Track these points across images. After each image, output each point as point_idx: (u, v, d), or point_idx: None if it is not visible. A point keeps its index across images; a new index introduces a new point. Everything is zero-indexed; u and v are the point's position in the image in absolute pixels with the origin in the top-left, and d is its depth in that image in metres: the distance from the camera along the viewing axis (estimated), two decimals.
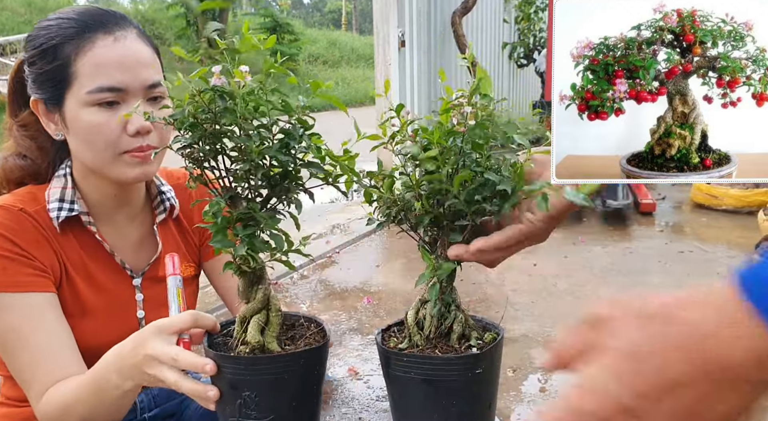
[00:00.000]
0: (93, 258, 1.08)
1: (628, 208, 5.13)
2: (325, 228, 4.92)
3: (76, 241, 1.07)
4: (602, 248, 4.30)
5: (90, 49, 0.97)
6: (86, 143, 1.00)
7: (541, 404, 2.31)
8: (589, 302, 3.29)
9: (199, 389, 0.81)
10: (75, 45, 0.98)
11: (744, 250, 4.08)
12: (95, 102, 0.97)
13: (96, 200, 1.09)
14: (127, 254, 1.13)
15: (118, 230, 1.12)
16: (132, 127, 0.99)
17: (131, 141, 1.00)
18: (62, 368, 0.98)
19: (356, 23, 34.67)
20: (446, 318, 0.85)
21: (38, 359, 0.97)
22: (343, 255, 4.32)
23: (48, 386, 0.97)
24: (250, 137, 0.77)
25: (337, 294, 3.59)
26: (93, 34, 0.98)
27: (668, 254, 4.11)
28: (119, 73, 0.98)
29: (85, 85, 0.97)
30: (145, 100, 1.01)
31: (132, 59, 0.99)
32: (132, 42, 1.01)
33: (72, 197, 1.05)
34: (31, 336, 0.97)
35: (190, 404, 1.27)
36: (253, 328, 0.84)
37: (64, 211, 1.03)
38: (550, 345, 0.51)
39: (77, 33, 0.98)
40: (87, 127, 0.98)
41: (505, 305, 3.29)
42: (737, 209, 5.14)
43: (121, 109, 0.99)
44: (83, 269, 1.07)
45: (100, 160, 1.01)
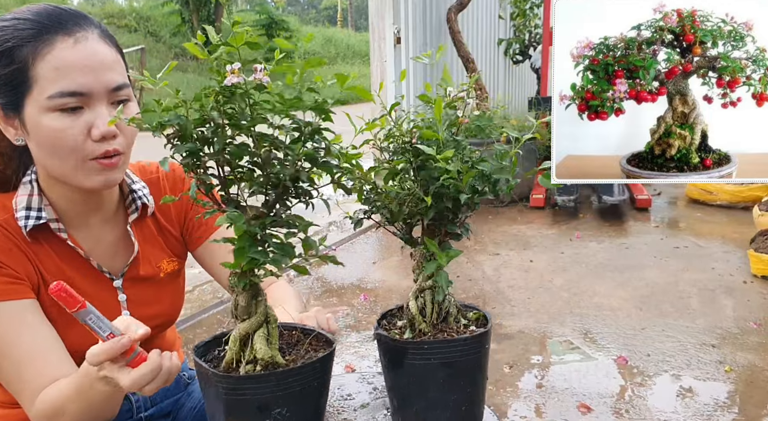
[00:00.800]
0: (69, 264, 1.06)
1: (623, 204, 5.15)
2: (321, 225, 4.92)
3: (49, 248, 1.04)
4: (598, 244, 4.31)
5: (49, 51, 0.92)
6: (49, 150, 0.96)
7: (537, 400, 2.32)
8: (586, 298, 3.30)
9: (113, 346, 0.81)
10: (32, 47, 0.92)
11: (739, 245, 4.10)
12: (57, 107, 0.93)
13: (65, 206, 1.06)
14: (103, 257, 1.10)
15: (92, 234, 1.10)
16: (97, 131, 0.94)
17: (96, 146, 0.96)
18: (50, 371, 0.96)
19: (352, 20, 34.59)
20: (445, 303, 0.90)
21: (24, 365, 0.96)
22: (339, 252, 4.32)
23: (38, 391, 0.95)
24: (272, 141, 0.74)
25: (334, 291, 3.59)
26: (52, 35, 0.93)
27: (664, 249, 4.12)
28: (82, 77, 0.93)
29: (45, 89, 0.92)
30: (109, 103, 0.97)
31: (95, 61, 0.94)
32: (94, 43, 0.95)
33: (39, 205, 1.02)
34: (14, 344, 0.95)
35: (185, 404, 1.27)
36: (261, 343, 0.81)
37: (32, 219, 1.01)
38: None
39: (34, 35, 0.92)
40: (49, 134, 0.94)
41: (501, 301, 3.30)
42: (732, 204, 5.16)
43: (85, 114, 0.95)
44: (60, 275, 1.04)
45: (64, 168, 0.97)
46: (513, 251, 4.22)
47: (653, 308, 3.17)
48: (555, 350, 2.74)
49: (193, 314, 3.24)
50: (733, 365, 2.55)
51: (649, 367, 2.55)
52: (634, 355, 2.65)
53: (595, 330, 2.93)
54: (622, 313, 3.12)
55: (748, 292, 3.35)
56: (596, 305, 3.24)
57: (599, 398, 2.31)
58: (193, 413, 1.25)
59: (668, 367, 2.54)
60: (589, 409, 2.23)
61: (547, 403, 2.29)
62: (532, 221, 5.01)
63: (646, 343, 2.77)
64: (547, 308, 3.22)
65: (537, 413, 2.24)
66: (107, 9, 18.99)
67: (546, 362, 2.63)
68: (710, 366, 2.54)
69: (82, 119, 0.94)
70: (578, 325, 2.99)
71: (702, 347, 2.72)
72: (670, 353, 2.66)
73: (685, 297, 3.31)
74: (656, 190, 5.94)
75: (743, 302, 3.22)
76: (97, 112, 0.95)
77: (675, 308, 3.16)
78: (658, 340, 2.79)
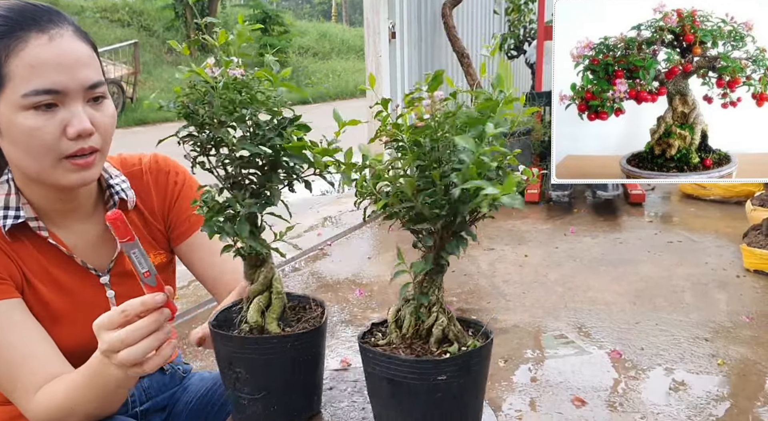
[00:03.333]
0: (53, 263, 1.05)
1: (617, 199, 5.18)
2: (317, 220, 4.91)
3: (31, 247, 1.03)
4: (592, 239, 4.33)
5: (23, 49, 0.91)
6: (23, 149, 0.94)
7: (532, 394, 2.33)
8: (580, 293, 3.32)
9: (150, 299, 0.85)
10: (5, 45, 0.91)
11: (732, 239, 4.13)
12: (31, 105, 0.91)
13: (43, 205, 1.05)
14: (88, 254, 1.10)
15: (74, 231, 1.09)
16: (72, 129, 0.93)
17: (71, 144, 0.95)
18: (43, 369, 0.96)
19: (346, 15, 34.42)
20: (423, 320, 0.83)
21: (15, 364, 0.95)
22: (334, 247, 4.32)
23: (32, 389, 0.95)
24: (226, 129, 0.83)
25: (329, 286, 3.60)
26: (25, 32, 0.91)
27: (657, 244, 4.15)
28: (56, 74, 0.92)
29: (19, 87, 0.91)
30: (85, 101, 0.96)
31: (70, 59, 0.93)
32: (69, 40, 0.94)
33: (17, 204, 1.01)
34: (3, 344, 0.95)
35: (181, 398, 1.28)
36: (253, 309, 0.90)
37: (10, 219, 1.00)
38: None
39: (7, 32, 0.91)
40: (23, 132, 0.92)
41: (495, 296, 3.32)
42: (725, 199, 5.19)
43: (60, 112, 0.93)
44: (45, 274, 1.04)
45: (39, 167, 0.96)
46: (508, 245, 4.23)
47: (647, 303, 3.19)
48: (549, 344, 2.76)
49: (188, 309, 3.24)
50: (726, 358, 2.57)
51: (642, 360, 2.57)
52: (628, 349, 2.67)
53: (589, 324, 2.95)
54: (616, 307, 3.14)
55: (740, 286, 3.38)
56: (590, 299, 3.27)
57: (593, 391, 2.33)
58: (189, 407, 1.25)
59: (662, 360, 2.57)
60: (584, 402, 2.25)
61: (542, 396, 2.31)
62: (526, 216, 5.02)
63: (639, 337, 2.79)
64: (541, 302, 3.24)
65: (532, 406, 2.25)
66: (100, 3, 18.80)
67: (540, 356, 2.65)
68: (703, 360, 2.56)
69: (57, 117, 0.93)
70: (573, 319, 3.01)
71: (695, 340, 2.75)
72: (663, 347, 2.68)
73: (679, 291, 3.33)
74: (650, 186, 5.97)
75: (736, 296, 3.25)
76: (73, 111, 0.94)
77: (668, 302, 3.19)
78: (651, 334, 2.82)
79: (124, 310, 0.84)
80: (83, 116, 0.94)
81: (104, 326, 0.85)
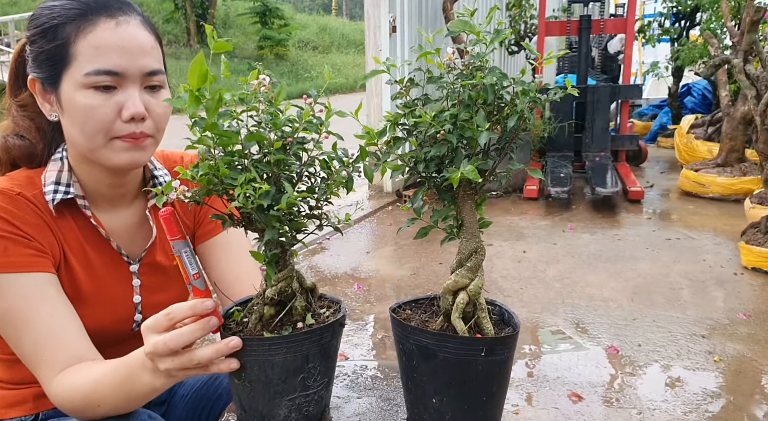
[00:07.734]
0: (90, 243, 1.08)
1: (616, 196, 5.17)
2: None
3: (74, 223, 1.06)
4: (591, 236, 4.33)
5: (91, 31, 0.96)
6: (79, 125, 0.99)
7: (529, 389, 2.34)
8: (578, 289, 3.32)
9: (219, 346, 0.84)
10: (76, 26, 0.97)
11: (730, 237, 4.13)
12: (91, 84, 0.97)
13: (91, 186, 1.08)
14: (123, 240, 1.12)
15: (114, 216, 1.12)
16: (127, 112, 0.98)
17: (124, 127, 0.99)
18: (68, 349, 0.97)
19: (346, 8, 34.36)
20: (474, 313, 0.90)
21: (42, 339, 0.96)
22: (333, 241, 4.32)
23: (56, 368, 0.96)
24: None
25: (328, 280, 3.60)
26: (95, 16, 0.97)
27: (656, 241, 4.15)
28: (118, 57, 0.97)
29: (83, 66, 0.96)
30: (142, 87, 1.00)
31: (133, 45, 0.98)
32: (134, 28, 1.00)
33: (68, 180, 1.05)
34: (32, 317, 0.96)
35: (178, 391, 1.29)
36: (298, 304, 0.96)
37: (60, 193, 1.03)
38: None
39: (80, 14, 0.97)
40: (81, 109, 0.98)
41: (494, 291, 3.32)
42: (724, 197, 5.20)
43: (117, 94, 0.98)
44: (81, 253, 1.06)
45: (92, 144, 1.00)
46: (506, 241, 4.24)
47: (644, 299, 3.20)
48: (547, 340, 2.77)
49: None
50: (723, 355, 2.58)
51: (639, 357, 2.57)
52: (625, 345, 2.68)
53: (586, 320, 2.95)
54: (614, 303, 3.15)
55: (738, 283, 3.39)
56: (588, 295, 3.27)
57: (590, 387, 2.33)
58: (185, 400, 1.26)
59: (658, 357, 2.57)
60: (580, 398, 2.25)
61: (539, 392, 2.31)
62: (525, 212, 5.03)
63: (637, 333, 2.79)
64: (539, 298, 3.25)
65: (528, 401, 2.26)
66: None
67: (538, 352, 2.66)
68: (700, 356, 2.57)
69: (114, 99, 0.98)
70: (570, 315, 3.01)
71: (692, 337, 2.75)
72: (660, 343, 2.69)
73: (676, 288, 3.34)
74: (649, 183, 5.97)
75: (733, 293, 3.25)
76: (129, 94, 0.99)
77: (666, 299, 3.19)
78: (648, 330, 2.82)
79: (168, 313, 0.85)
80: (138, 101, 0.99)
81: (150, 328, 0.86)
